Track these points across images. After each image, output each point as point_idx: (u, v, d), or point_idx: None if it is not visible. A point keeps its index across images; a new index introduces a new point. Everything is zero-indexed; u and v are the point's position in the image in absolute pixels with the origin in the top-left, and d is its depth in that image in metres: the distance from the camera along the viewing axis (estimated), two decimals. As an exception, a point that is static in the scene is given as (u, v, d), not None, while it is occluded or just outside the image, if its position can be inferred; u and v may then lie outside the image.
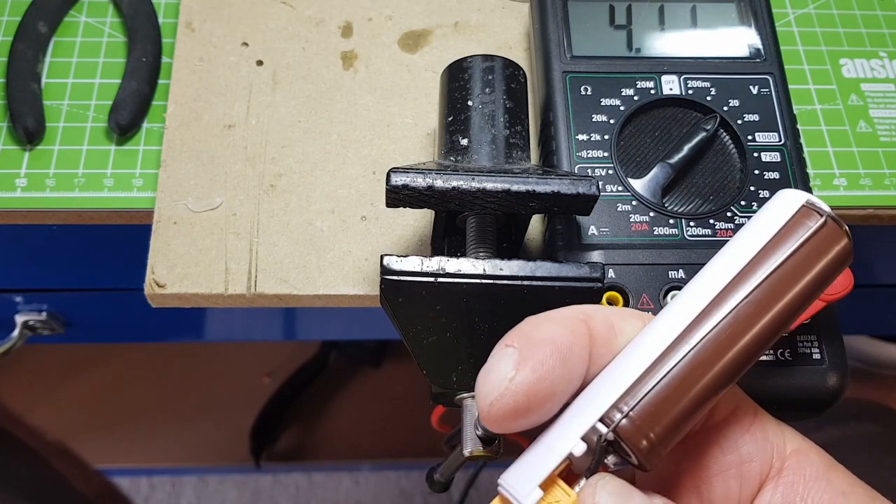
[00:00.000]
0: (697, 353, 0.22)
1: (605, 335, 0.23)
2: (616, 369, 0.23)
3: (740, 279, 0.23)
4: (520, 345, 0.22)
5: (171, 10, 0.44)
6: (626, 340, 0.23)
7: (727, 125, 0.36)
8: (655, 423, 0.21)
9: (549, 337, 0.22)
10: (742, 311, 0.22)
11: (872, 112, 0.43)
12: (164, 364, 1.04)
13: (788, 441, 0.25)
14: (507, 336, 0.23)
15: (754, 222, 0.24)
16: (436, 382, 0.30)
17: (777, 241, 0.23)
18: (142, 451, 1.00)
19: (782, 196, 0.24)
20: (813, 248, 0.23)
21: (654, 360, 0.22)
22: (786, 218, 0.23)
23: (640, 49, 0.38)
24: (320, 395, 1.04)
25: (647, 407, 0.21)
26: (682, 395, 0.22)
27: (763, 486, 0.24)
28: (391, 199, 0.30)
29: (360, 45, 0.43)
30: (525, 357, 0.22)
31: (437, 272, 0.28)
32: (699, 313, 0.23)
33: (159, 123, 0.41)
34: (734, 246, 0.24)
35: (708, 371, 0.22)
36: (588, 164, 0.35)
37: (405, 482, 1.09)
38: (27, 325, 0.54)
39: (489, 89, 0.34)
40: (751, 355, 0.22)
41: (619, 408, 0.21)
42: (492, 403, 0.22)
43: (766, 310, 0.22)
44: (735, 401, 0.25)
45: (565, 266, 0.29)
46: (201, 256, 0.36)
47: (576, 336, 0.22)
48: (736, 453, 0.24)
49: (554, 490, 0.22)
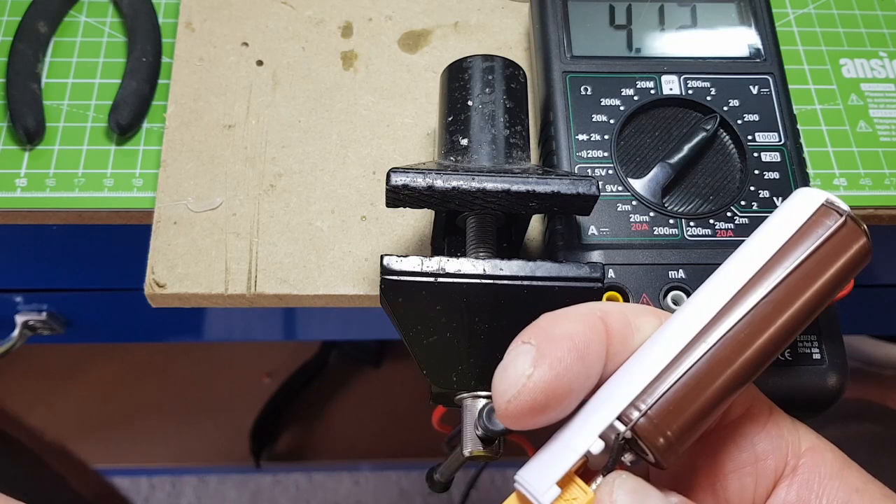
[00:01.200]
0: (715, 353, 0.22)
1: (621, 332, 0.23)
2: (633, 367, 0.22)
3: (758, 278, 0.23)
4: (537, 341, 0.22)
5: (171, 10, 0.44)
6: (643, 337, 0.23)
7: (727, 125, 0.36)
8: (673, 421, 0.21)
9: (567, 333, 0.22)
10: (760, 310, 0.22)
11: (872, 112, 0.43)
12: (164, 364, 1.04)
13: (803, 439, 0.25)
14: (524, 332, 0.23)
15: (773, 220, 0.24)
16: (436, 382, 0.30)
17: (796, 240, 0.23)
18: (142, 451, 1.00)
19: (801, 194, 0.24)
20: (832, 247, 0.23)
21: (672, 359, 0.22)
22: (805, 217, 0.23)
23: (640, 49, 0.38)
24: (320, 395, 1.04)
25: (664, 405, 0.21)
26: (699, 393, 0.22)
27: (778, 483, 0.24)
28: (391, 199, 0.30)
29: (360, 45, 0.43)
30: (542, 354, 0.22)
31: (437, 272, 0.28)
32: (717, 312, 0.22)
33: (159, 123, 0.41)
34: (752, 244, 0.24)
35: (725, 370, 0.22)
36: (588, 164, 0.35)
37: (405, 482, 1.09)
38: (27, 325, 0.54)
39: (489, 89, 0.34)
40: (768, 354, 0.22)
41: (636, 406, 0.21)
42: (509, 401, 0.21)
43: (784, 309, 0.22)
44: (750, 398, 0.25)
45: (565, 266, 0.29)
46: (201, 256, 0.36)
47: (593, 332, 0.22)
48: (751, 451, 0.24)
49: (571, 487, 0.22)
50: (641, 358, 0.23)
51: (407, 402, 1.02)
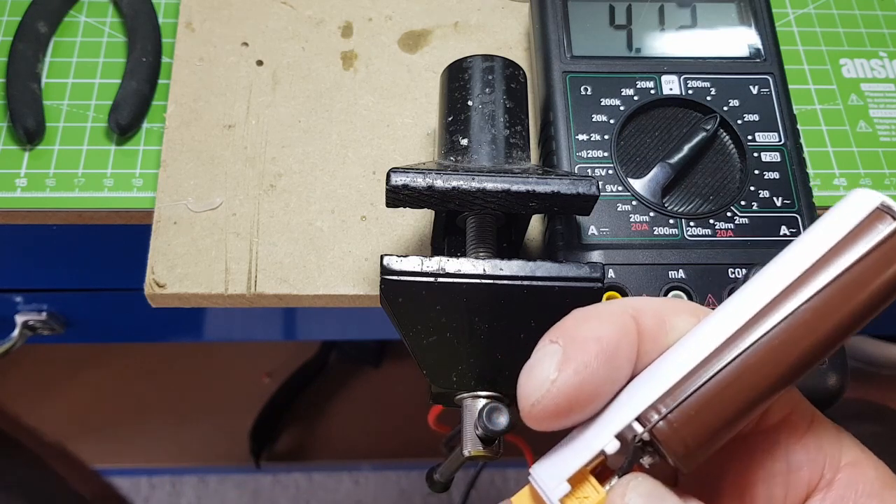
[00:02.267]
0: (747, 358, 0.21)
1: (654, 331, 0.22)
2: (660, 367, 0.21)
3: (802, 282, 0.21)
4: (564, 342, 0.21)
5: (171, 10, 0.44)
6: (677, 337, 0.22)
7: (727, 125, 0.36)
8: (694, 427, 0.20)
9: (595, 336, 0.21)
10: (800, 317, 0.21)
11: (872, 112, 0.43)
12: (164, 364, 1.04)
13: (846, 452, 0.23)
14: (552, 330, 0.22)
15: (823, 221, 0.22)
16: (436, 382, 0.30)
17: (845, 243, 0.21)
18: (142, 451, 1.00)
19: (855, 195, 0.22)
20: (884, 254, 0.21)
21: (701, 361, 0.21)
22: (857, 220, 0.21)
23: (640, 49, 0.38)
24: (320, 395, 1.04)
25: (687, 410, 0.20)
26: (726, 400, 0.20)
27: (811, 496, 0.23)
28: (391, 199, 0.30)
29: (360, 45, 0.43)
30: (569, 357, 0.21)
31: (437, 272, 0.28)
32: (755, 314, 0.21)
33: (159, 123, 0.41)
34: (799, 245, 0.22)
35: (756, 378, 0.21)
36: (588, 164, 0.35)
37: (405, 482, 1.09)
38: (27, 325, 0.54)
39: (489, 89, 0.34)
40: (804, 365, 0.21)
41: (657, 408, 0.21)
42: (533, 405, 0.21)
43: (826, 318, 0.21)
44: (791, 404, 0.24)
45: (565, 266, 0.29)
46: (201, 256, 0.36)
47: (623, 335, 0.21)
48: (785, 461, 0.23)
49: (584, 486, 0.21)
50: (670, 358, 0.22)
51: (407, 402, 1.02)
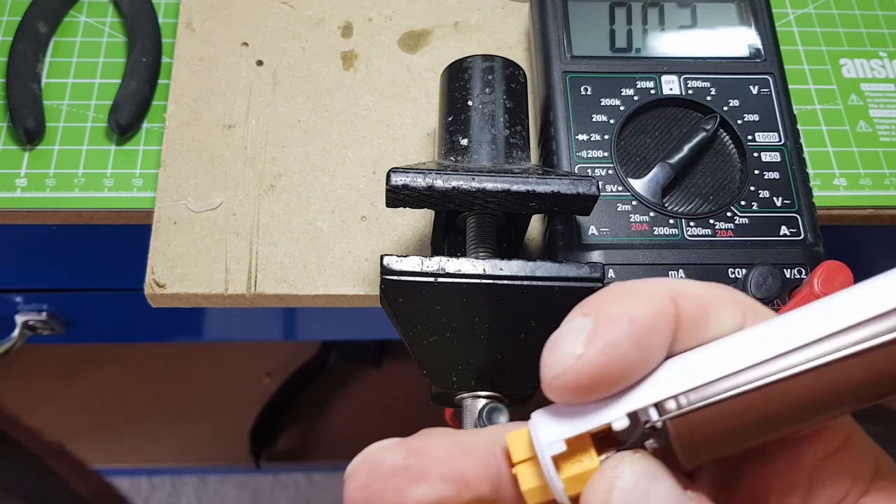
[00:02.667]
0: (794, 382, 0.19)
1: (693, 318, 0.20)
2: (695, 358, 0.20)
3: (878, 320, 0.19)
4: (595, 317, 0.19)
5: (171, 10, 0.44)
6: (719, 331, 0.20)
7: (727, 125, 0.36)
8: (709, 430, 0.19)
9: (630, 314, 0.19)
10: (861, 360, 0.19)
11: (872, 112, 0.43)
12: (164, 364, 1.04)
13: (880, 474, 0.21)
14: (584, 302, 0.20)
15: None
16: (436, 382, 0.30)
17: None
18: (142, 451, 1.00)
19: None
20: None
21: (741, 368, 0.20)
22: None
23: (640, 49, 0.38)
24: (320, 395, 1.04)
25: (708, 412, 0.19)
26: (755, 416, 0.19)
27: None
28: (391, 199, 0.30)
29: (360, 45, 0.43)
30: (598, 334, 0.19)
31: (437, 272, 0.28)
32: (812, 339, 0.19)
33: (159, 123, 0.41)
34: (886, 281, 0.20)
35: (794, 404, 0.19)
36: (588, 164, 0.35)
37: (405, 482, 1.09)
38: (27, 325, 0.54)
39: (489, 89, 0.34)
40: (848, 407, 0.20)
41: (679, 401, 0.19)
42: (554, 377, 0.19)
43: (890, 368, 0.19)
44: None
45: (565, 266, 0.29)
46: (201, 256, 0.36)
47: (660, 317, 0.19)
48: (807, 474, 0.21)
49: (580, 450, 0.20)
50: (707, 352, 0.20)
51: (407, 402, 1.02)
